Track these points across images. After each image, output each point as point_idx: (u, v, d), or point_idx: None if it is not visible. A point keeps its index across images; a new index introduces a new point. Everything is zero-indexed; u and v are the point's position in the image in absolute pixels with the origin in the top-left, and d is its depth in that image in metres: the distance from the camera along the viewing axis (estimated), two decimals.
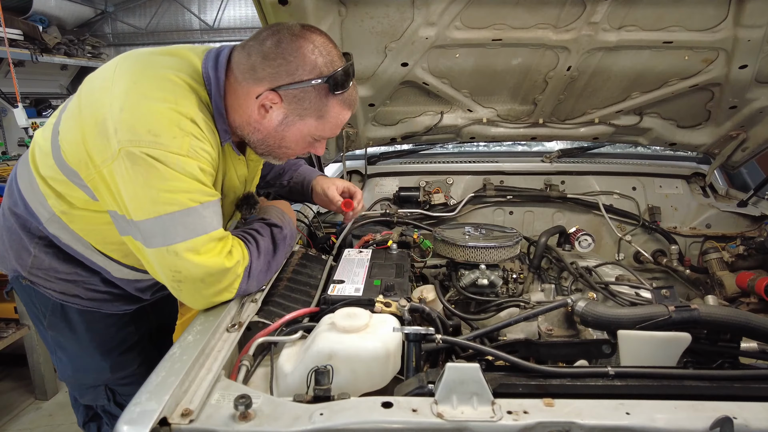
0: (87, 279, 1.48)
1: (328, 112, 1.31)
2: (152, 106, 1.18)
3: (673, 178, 2.59)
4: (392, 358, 1.15)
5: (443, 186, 2.57)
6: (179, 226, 1.19)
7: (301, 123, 1.31)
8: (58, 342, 1.58)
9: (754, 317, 1.22)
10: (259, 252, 1.35)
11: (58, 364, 1.64)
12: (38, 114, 5.96)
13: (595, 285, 1.70)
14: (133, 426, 0.85)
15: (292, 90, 1.25)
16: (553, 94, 2.20)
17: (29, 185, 1.41)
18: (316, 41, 1.25)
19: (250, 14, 7.19)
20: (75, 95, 1.34)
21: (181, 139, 1.17)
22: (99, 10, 7.30)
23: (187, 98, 1.23)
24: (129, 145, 1.15)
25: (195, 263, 1.20)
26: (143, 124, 1.16)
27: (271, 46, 1.23)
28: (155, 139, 1.15)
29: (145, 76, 1.24)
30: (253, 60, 1.25)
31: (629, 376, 1.07)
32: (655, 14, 1.79)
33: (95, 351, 1.56)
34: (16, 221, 1.45)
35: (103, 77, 1.29)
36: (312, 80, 1.24)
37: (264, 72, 1.24)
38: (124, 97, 1.19)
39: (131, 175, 1.16)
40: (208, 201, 1.23)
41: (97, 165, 1.21)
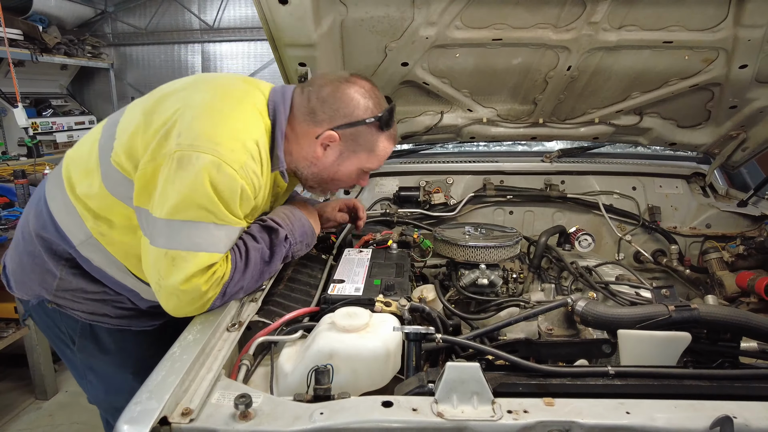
0: (115, 297, 1.47)
1: (378, 146, 1.47)
2: (223, 120, 1.27)
3: (673, 177, 2.59)
4: (392, 358, 1.15)
5: (443, 186, 2.57)
6: (185, 236, 1.22)
7: (354, 158, 1.47)
8: (89, 364, 1.56)
9: (754, 317, 1.22)
10: (246, 265, 1.32)
11: (88, 388, 1.61)
12: (38, 114, 5.97)
13: (595, 285, 1.70)
14: (134, 425, 0.85)
15: (348, 129, 1.41)
16: (554, 94, 2.20)
17: (63, 207, 1.41)
18: (365, 86, 1.44)
19: (250, 14, 7.16)
20: (133, 107, 1.42)
21: (239, 154, 1.25)
22: (99, 10, 7.28)
23: (255, 122, 1.34)
24: (187, 149, 1.21)
25: (181, 277, 1.21)
26: (208, 134, 1.23)
27: (329, 93, 1.41)
28: (215, 147, 1.21)
29: (222, 94, 1.35)
30: (312, 104, 1.41)
31: (629, 375, 1.07)
32: (655, 14, 1.79)
33: (127, 371, 1.53)
34: (42, 244, 1.44)
35: (178, 90, 1.39)
36: (366, 119, 1.41)
37: (324, 115, 1.40)
38: (198, 108, 1.28)
39: (172, 176, 1.21)
40: (226, 224, 1.26)
41: (149, 161, 1.26)
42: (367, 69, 2.05)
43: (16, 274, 1.52)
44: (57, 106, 6.38)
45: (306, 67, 1.88)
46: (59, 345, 1.57)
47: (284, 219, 1.46)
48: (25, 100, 5.72)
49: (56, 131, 5.99)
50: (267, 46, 2.78)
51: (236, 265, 1.30)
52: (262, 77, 7.30)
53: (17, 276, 1.51)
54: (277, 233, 1.42)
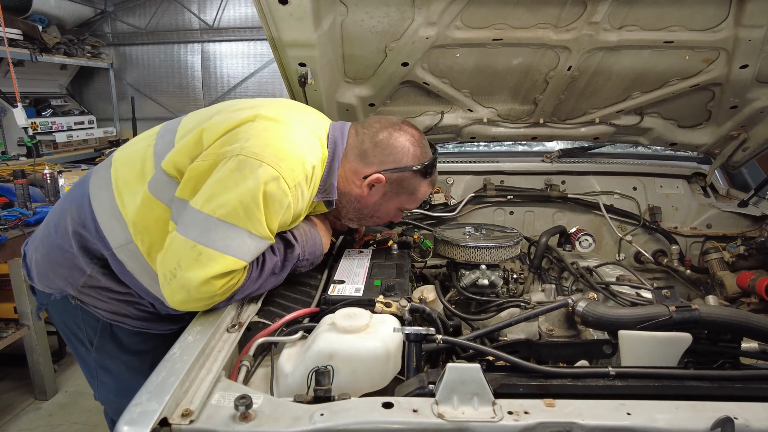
0: (138, 300, 1.48)
1: (419, 190, 1.59)
2: (291, 140, 1.34)
3: (674, 178, 2.59)
4: (393, 359, 1.15)
5: (443, 186, 2.57)
6: (219, 236, 1.23)
7: (396, 199, 1.58)
8: (104, 365, 1.56)
9: (755, 317, 1.22)
10: (260, 275, 1.35)
11: (99, 388, 1.62)
12: (38, 114, 5.97)
13: (596, 285, 1.69)
14: (134, 426, 0.85)
15: (396, 174, 1.52)
16: (554, 94, 2.20)
17: (108, 209, 1.42)
18: (415, 135, 1.54)
19: (250, 14, 7.16)
20: (191, 116, 1.50)
21: (296, 173, 1.31)
22: (99, 10, 7.28)
23: (316, 150, 1.42)
24: (251, 156, 1.25)
25: (202, 275, 1.21)
26: (275, 149, 1.29)
27: (382, 139, 1.51)
28: (278, 162, 1.27)
29: (293, 117, 1.43)
30: (365, 147, 1.51)
31: (630, 376, 1.06)
32: (655, 14, 1.79)
33: (141, 373, 1.50)
34: (77, 240, 1.44)
35: (250, 103, 1.47)
36: (413, 167, 1.51)
37: (375, 158, 1.50)
38: (271, 122, 1.35)
39: (227, 174, 1.25)
40: (259, 236, 1.28)
41: (208, 155, 1.29)
42: (367, 69, 2.05)
43: (41, 266, 1.52)
44: (56, 106, 6.37)
45: (306, 67, 1.87)
46: (74, 342, 1.58)
47: (302, 236, 1.49)
48: (25, 100, 5.72)
49: (56, 131, 5.99)
50: (267, 46, 2.78)
51: (251, 275, 1.32)
52: (261, 77, 7.33)
53: (42, 268, 1.51)
54: (292, 249, 1.44)
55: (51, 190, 3.35)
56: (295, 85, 1.92)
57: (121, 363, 1.55)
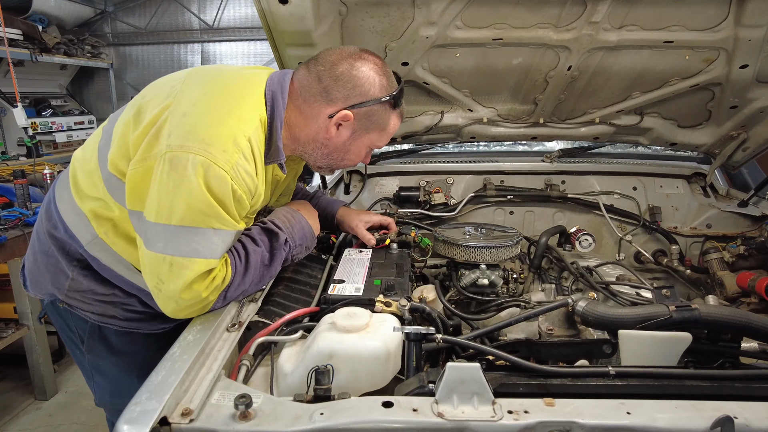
0: (125, 300, 1.47)
1: (389, 123, 1.45)
2: (215, 117, 1.24)
3: (674, 178, 2.59)
4: (393, 358, 1.15)
5: (443, 186, 2.56)
6: (183, 242, 1.20)
7: (366, 136, 1.45)
8: (97, 366, 1.56)
9: (755, 317, 1.22)
10: (246, 269, 1.32)
11: (95, 390, 1.62)
12: (38, 114, 5.97)
13: (596, 285, 1.69)
14: (134, 425, 0.85)
15: (364, 108, 1.38)
16: (554, 94, 2.20)
17: (70, 208, 1.42)
18: (377, 63, 1.39)
19: (250, 14, 7.17)
20: (130, 106, 1.38)
21: (230, 154, 1.21)
22: (99, 10, 7.28)
23: (250, 117, 1.29)
24: (178, 149, 1.18)
25: (181, 282, 1.21)
26: (199, 134, 1.20)
27: (344, 70, 1.35)
28: (205, 148, 1.18)
29: (214, 89, 1.31)
30: (325, 83, 1.35)
31: (630, 375, 1.07)
32: (655, 14, 1.79)
33: (134, 373, 1.53)
34: (55, 244, 1.44)
35: (171, 85, 1.34)
36: (381, 98, 1.38)
37: (339, 94, 1.35)
38: (189, 104, 1.26)
39: (164, 178, 1.19)
40: (223, 229, 1.24)
41: (139, 161, 1.24)
42: None
43: (32, 273, 1.53)
44: (56, 106, 6.37)
45: None
46: (70, 345, 1.58)
47: (284, 222, 1.45)
48: (25, 100, 5.72)
49: (56, 131, 5.99)
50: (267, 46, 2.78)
51: (236, 269, 1.30)
52: None
53: (33, 275, 1.52)
54: (277, 237, 1.41)
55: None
56: None
57: (112, 364, 1.55)
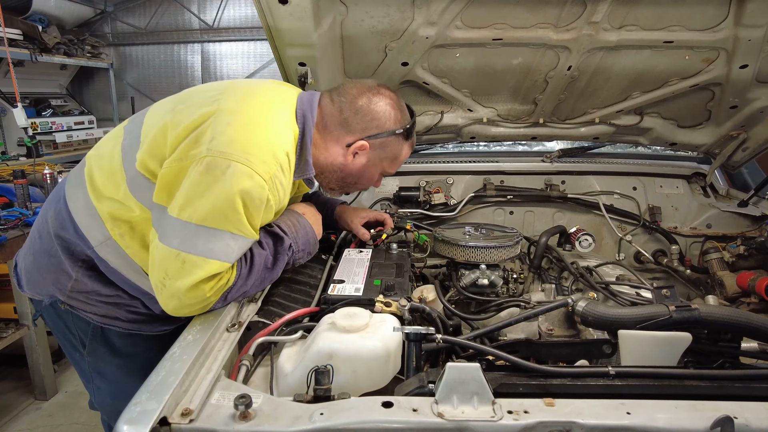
0: (128, 301, 1.47)
1: (401, 153, 1.58)
2: (258, 129, 1.30)
3: (674, 178, 2.59)
4: (392, 358, 1.15)
5: (443, 186, 2.57)
6: (201, 241, 1.22)
7: (379, 164, 1.57)
8: (98, 368, 1.55)
9: (755, 317, 1.22)
10: (250, 272, 1.33)
11: (95, 393, 1.60)
12: (37, 114, 5.96)
13: (596, 285, 1.69)
14: (133, 425, 0.85)
15: (379, 139, 1.50)
16: (554, 94, 2.20)
17: (84, 208, 1.41)
18: (393, 98, 1.52)
19: (250, 14, 7.16)
20: (161, 109, 1.42)
21: (270, 165, 1.27)
22: (98, 10, 7.27)
23: (287, 131, 1.37)
24: (219, 155, 1.22)
25: (189, 280, 1.21)
26: (242, 142, 1.25)
27: (363, 105, 1.47)
28: (247, 158, 1.23)
29: (255, 102, 1.37)
30: (345, 114, 1.47)
31: (630, 375, 1.07)
32: (655, 14, 1.79)
33: (136, 375, 1.50)
34: (60, 244, 1.43)
35: (210, 94, 1.39)
36: (395, 130, 1.50)
37: (357, 125, 1.48)
38: (233, 114, 1.30)
39: (198, 178, 1.22)
40: (241, 236, 1.27)
41: (176, 159, 1.26)
42: (367, 69, 2.05)
43: (30, 273, 1.50)
44: (56, 106, 6.36)
45: (306, 67, 1.87)
46: (68, 347, 1.56)
47: (290, 227, 1.47)
48: (25, 100, 5.72)
49: (56, 131, 5.98)
50: (267, 46, 2.77)
51: (240, 272, 1.31)
52: (261, 77, 7.32)
53: (31, 275, 1.50)
54: (282, 241, 1.42)
55: (51, 190, 3.34)
56: (295, 85, 1.92)
57: (114, 366, 1.54)
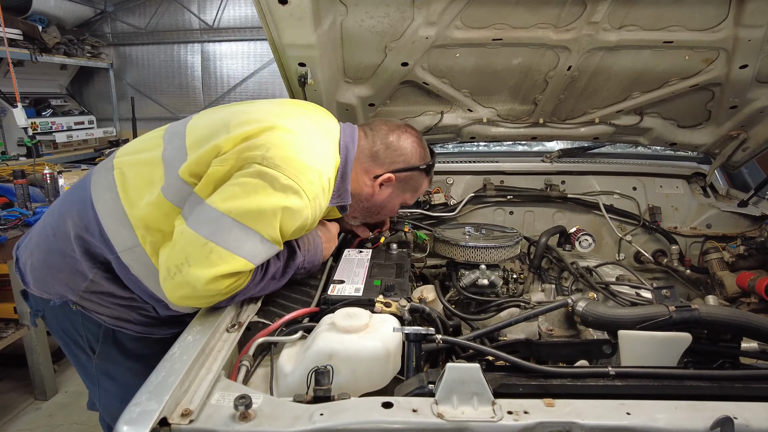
0: (141, 305, 1.47)
1: (421, 187, 1.73)
2: (310, 153, 1.37)
3: (674, 178, 2.59)
4: (392, 358, 1.15)
5: (443, 186, 2.57)
6: (233, 236, 1.24)
7: (402, 196, 1.70)
8: (107, 371, 1.54)
9: (755, 317, 1.22)
10: (262, 279, 1.36)
11: (102, 396, 1.58)
12: (37, 114, 5.97)
13: (596, 285, 1.69)
14: (133, 426, 0.85)
15: (405, 173, 1.63)
16: (554, 94, 2.20)
17: (113, 212, 1.40)
18: (418, 137, 1.67)
19: (250, 14, 7.16)
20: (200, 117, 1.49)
21: (315, 186, 1.34)
22: (98, 10, 7.27)
23: (331, 159, 1.47)
24: (273, 167, 1.27)
25: (210, 273, 1.21)
26: (296, 162, 1.31)
27: (393, 141, 1.61)
28: (297, 175, 1.29)
29: (310, 128, 1.46)
30: (377, 148, 1.60)
31: (630, 376, 1.07)
32: (655, 14, 1.79)
33: (145, 378, 1.52)
34: (80, 245, 1.41)
35: (263, 108, 1.48)
36: (420, 166, 1.64)
37: (386, 159, 1.60)
38: (290, 134, 1.36)
39: (247, 179, 1.26)
40: (270, 242, 1.30)
41: (228, 159, 1.30)
42: (367, 69, 2.05)
43: (37, 271, 1.48)
44: (56, 106, 6.37)
45: (306, 67, 1.87)
46: (73, 349, 1.54)
47: (305, 245, 1.51)
48: (25, 100, 5.72)
49: (56, 131, 5.99)
50: (267, 46, 2.77)
51: (255, 277, 1.33)
52: (261, 77, 7.33)
53: (38, 273, 1.48)
54: (295, 257, 1.46)
55: (51, 190, 3.35)
56: (295, 85, 1.92)
57: (125, 369, 1.53)
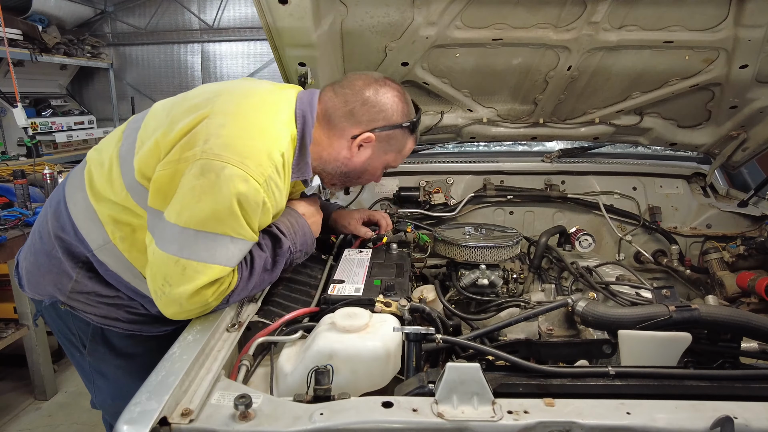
0: (128, 302, 1.46)
1: (405, 146, 1.55)
2: (253, 131, 1.28)
3: (674, 178, 2.59)
4: (392, 358, 1.15)
5: (443, 186, 2.56)
6: (202, 247, 1.20)
7: (384, 157, 1.53)
8: (98, 369, 1.54)
9: (755, 317, 1.22)
10: (251, 275, 1.32)
11: (96, 393, 1.60)
12: (37, 114, 5.96)
13: (596, 285, 1.69)
14: (133, 425, 0.85)
15: (385, 132, 1.46)
16: (554, 94, 2.20)
17: (83, 210, 1.40)
18: (399, 90, 1.48)
19: (250, 14, 7.17)
20: (159, 113, 1.40)
21: (265, 167, 1.24)
22: (98, 10, 7.27)
23: (283, 132, 1.34)
24: (213, 158, 1.19)
25: (190, 288, 1.20)
26: (237, 147, 1.22)
27: (370, 96, 1.43)
28: (242, 161, 1.21)
29: (250, 104, 1.35)
30: (351, 106, 1.43)
31: (630, 376, 1.07)
32: (655, 14, 1.79)
33: (137, 376, 1.47)
34: (60, 245, 1.42)
35: (205, 96, 1.37)
36: (402, 123, 1.47)
37: (364, 117, 1.43)
38: (227, 116, 1.28)
39: (193, 182, 1.19)
40: (241, 239, 1.25)
41: (170, 162, 1.24)
42: (367, 69, 2.05)
43: (31, 274, 1.50)
44: (56, 106, 6.36)
45: (306, 67, 1.87)
46: (69, 347, 1.56)
47: (288, 228, 1.45)
48: (25, 100, 5.71)
49: (56, 131, 5.98)
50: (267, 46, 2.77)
51: (242, 275, 1.30)
52: (261, 77, 7.32)
53: (31, 276, 1.50)
54: (281, 243, 1.41)
55: (51, 190, 3.34)
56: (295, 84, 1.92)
57: (115, 367, 1.54)
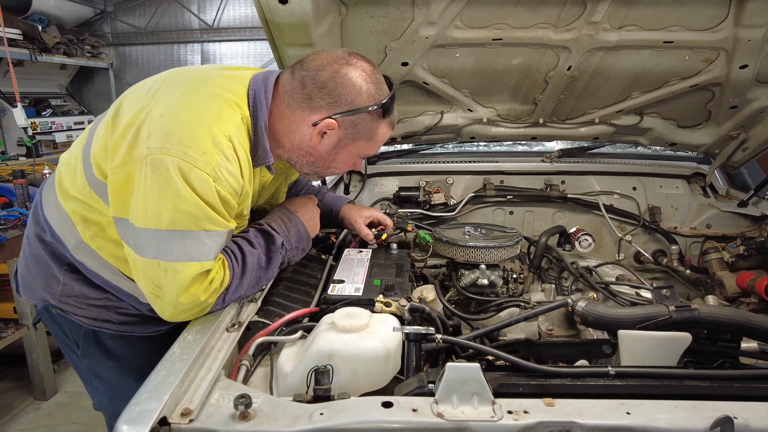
0: (117, 304, 1.45)
1: (378, 133, 1.39)
2: (192, 117, 1.20)
3: (674, 178, 2.59)
4: (392, 358, 1.15)
5: (443, 186, 2.56)
6: (176, 246, 1.18)
7: (353, 145, 1.39)
8: (93, 370, 1.54)
9: (755, 317, 1.22)
10: (243, 272, 1.30)
11: (94, 394, 1.60)
12: (37, 114, 5.97)
13: (596, 285, 1.70)
14: (133, 425, 0.85)
15: (349, 117, 1.32)
16: (554, 94, 2.20)
17: (56, 212, 1.39)
18: (366, 69, 1.33)
19: (250, 14, 7.18)
20: (111, 108, 1.35)
21: (210, 155, 1.17)
22: (98, 10, 7.28)
23: (229, 116, 1.25)
24: (157, 152, 1.15)
25: (177, 288, 1.19)
26: (178, 134, 1.17)
27: (328, 77, 1.29)
28: (185, 150, 1.15)
29: (192, 88, 1.28)
30: (308, 90, 1.30)
31: (630, 375, 1.07)
32: (655, 14, 1.79)
33: (131, 376, 1.50)
34: (45, 248, 1.42)
35: (149, 86, 1.32)
36: (368, 107, 1.32)
37: (322, 101, 1.30)
38: (167, 105, 1.22)
39: (148, 182, 1.16)
40: (214, 230, 1.21)
41: (120, 165, 1.20)
42: None
43: (24, 279, 1.51)
44: (56, 105, 6.37)
45: None
46: (66, 349, 1.57)
47: (280, 225, 1.44)
48: (25, 99, 5.72)
49: (55, 131, 5.99)
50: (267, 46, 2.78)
51: (234, 272, 1.28)
52: None
53: (25, 280, 1.51)
54: (273, 239, 1.39)
55: None
56: None
57: (109, 368, 1.53)
